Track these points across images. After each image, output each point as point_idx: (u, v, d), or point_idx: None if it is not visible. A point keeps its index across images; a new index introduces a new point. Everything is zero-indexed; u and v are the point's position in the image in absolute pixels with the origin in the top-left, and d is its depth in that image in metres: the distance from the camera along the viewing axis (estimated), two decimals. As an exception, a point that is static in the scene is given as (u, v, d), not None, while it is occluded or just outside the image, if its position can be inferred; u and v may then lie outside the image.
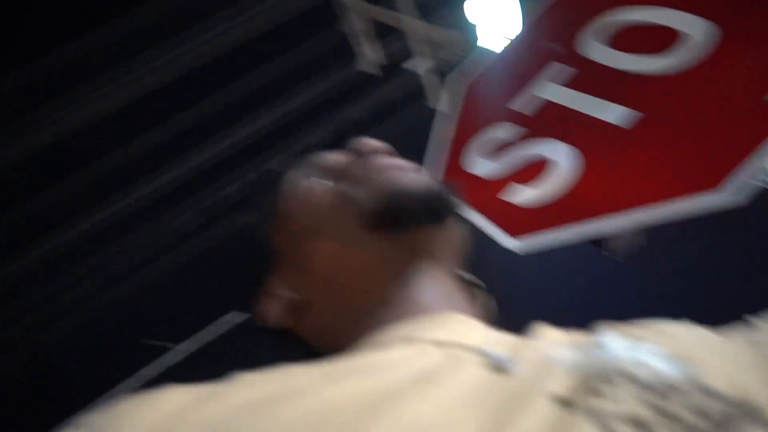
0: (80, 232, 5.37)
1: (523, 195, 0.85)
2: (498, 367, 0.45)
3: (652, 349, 0.45)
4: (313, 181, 0.69)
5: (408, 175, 0.62)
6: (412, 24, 5.32)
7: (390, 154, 0.67)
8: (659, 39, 0.89)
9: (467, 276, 0.79)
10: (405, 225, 0.59)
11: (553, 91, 1.00)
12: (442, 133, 1.14)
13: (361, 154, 0.67)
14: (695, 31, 0.84)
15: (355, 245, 0.60)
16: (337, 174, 0.68)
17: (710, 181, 0.66)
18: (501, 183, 0.90)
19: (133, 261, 5.56)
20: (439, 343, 0.50)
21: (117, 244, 5.51)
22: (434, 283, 0.60)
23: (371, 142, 0.68)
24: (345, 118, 5.80)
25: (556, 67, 1.03)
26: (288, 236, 0.69)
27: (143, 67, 5.31)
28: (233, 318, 4.46)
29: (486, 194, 0.91)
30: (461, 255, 0.66)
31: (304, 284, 0.66)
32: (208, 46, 5.01)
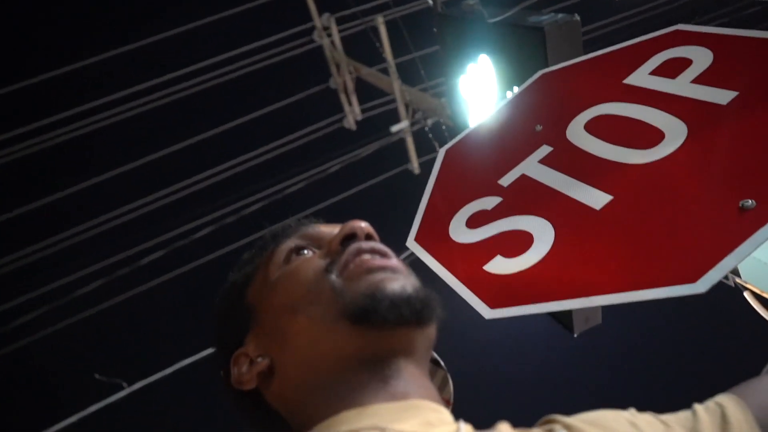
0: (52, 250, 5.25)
1: (501, 266, 0.88)
2: None
3: None
4: (304, 259, 0.71)
5: (395, 279, 0.64)
6: (398, 87, 5.47)
7: (380, 248, 0.70)
8: (640, 134, 0.94)
9: (433, 355, 0.81)
10: (383, 326, 0.61)
11: (531, 167, 1.05)
12: (422, 198, 1.17)
13: (351, 237, 0.70)
14: (673, 131, 0.90)
15: (334, 333, 0.62)
16: (326, 253, 0.70)
17: (686, 276, 0.69)
18: (477, 252, 0.93)
19: (95, 291, 5.42)
20: None
21: (79, 270, 5.39)
22: (407, 375, 0.62)
23: (364, 227, 0.72)
24: (325, 170, 5.87)
25: (538, 146, 1.08)
26: (269, 303, 0.70)
27: (132, 98, 5.33)
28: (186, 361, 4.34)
29: (464, 262, 0.93)
30: (433, 345, 0.68)
31: (278, 352, 0.67)
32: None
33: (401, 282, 0.64)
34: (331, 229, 0.75)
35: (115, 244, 5.73)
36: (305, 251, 0.73)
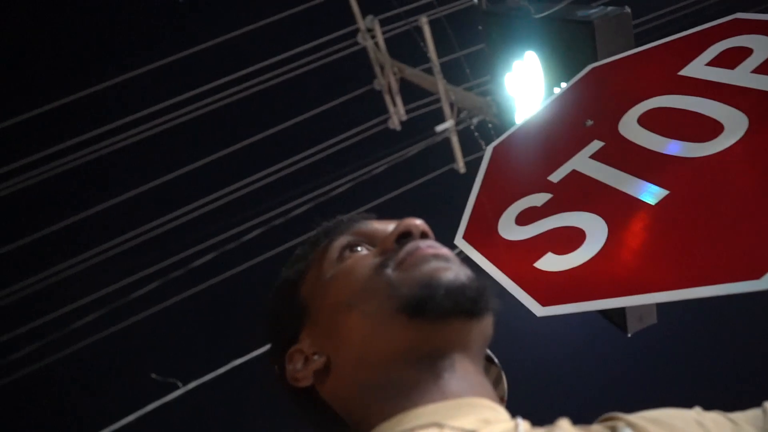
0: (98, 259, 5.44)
1: (552, 263, 0.86)
2: None
3: None
4: (359, 256, 0.71)
5: (449, 268, 0.64)
6: (443, 87, 5.45)
7: (432, 240, 0.70)
8: (698, 127, 0.91)
9: (487, 352, 0.80)
10: (439, 317, 0.60)
11: (582, 162, 1.03)
12: (470, 195, 1.16)
13: (407, 234, 0.70)
14: (733, 123, 0.87)
15: (389, 328, 0.62)
16: (381, 251, 0.70)
17: (748, 272, 0.66)
18: (528, 249, 0.92)
19: (147, 295, 5.58)
20: None
21: (133, 274, 5.56)
22: (463, 371, 0.61)
23: (419, 225, 0.71)
24: (370, 171, 5.89)
25: (589, 141, 1.06)
26: (323, 300, 0.70)
27: (184, 104, 5.47)
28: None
29: (514, 260, 0.92)
30: (489, 341, 0.67)
31: (333, 350, 0.67)
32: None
33: (455, 271, 0.63)
34: (385, 226, 0.75)
35: (168, 248, 5.89)
36: (359, 248, 0.73)
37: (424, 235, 0.71)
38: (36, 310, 5.46)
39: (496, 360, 0.81)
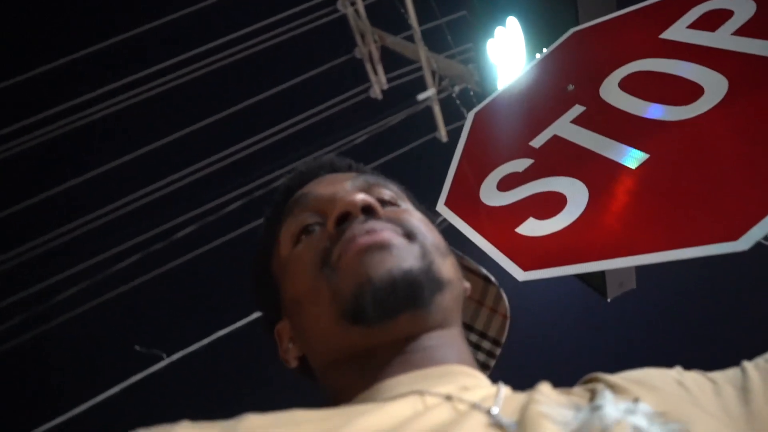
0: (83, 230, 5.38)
1: (533, 228, 0.87)
2: (502, 428, 0.46)
3: (646, 411, 0.47)
4: (308, 242, 0.69)
5: (381, 263, 0.60)
6: (424, 55, 5.40)
7: (376, 217, 0.66)
8: (678, 90, 0.91)
9: (482, 272, 0.80)
10: (376, 322, 0.58)
11: (563, 127, 1.03)
12: (451, 162, 1.16)
13: (346, 216, 0.66)
14: (713, 86, 0.87)
15: (338, 332, 0.61)
16: (326, 236, 0.67)
17: (727, 233, 0.67)
18: (509, 215, 0.92)
19: (129, 267, 5.55)
20: (449, 398, 0.51)
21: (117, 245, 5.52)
22: (432, 344, 0.60)
23: (358, 203, 0.67)
24: (351, 140, 5.85)
25: (570, 106, 1.05)
26: (285, 288, 0.70)
27: (161, 74, 5.37)
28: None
29: (495, 225, 0.92)
30: (452, 310, 0.65)
31: (300, 339, 0.68)
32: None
33: (388, 265, 0.60)
34: (335, 192, 0.71)
35: (148, 221, 5.84)
36: (313, 228, 0.70)
37: (367, 211, 0.67)
38: (17, 284, 5.40)
39: (493, 279, 0.82)
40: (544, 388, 0.53)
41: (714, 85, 0.87)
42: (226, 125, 6.26)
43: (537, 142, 1.04)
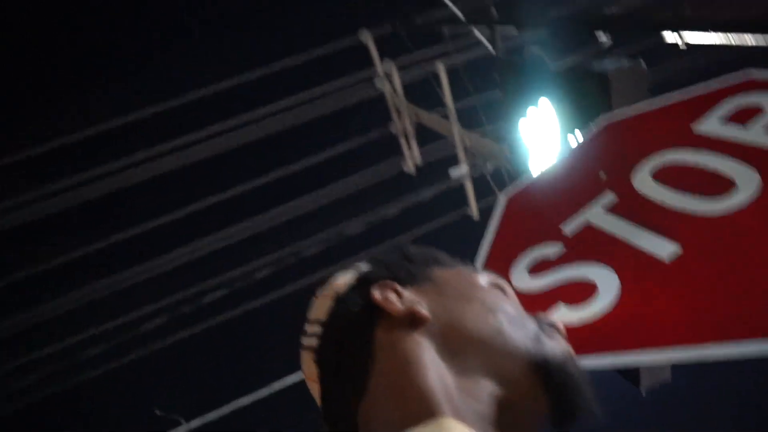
0: (110, 290, 5.45)
1: (564, 315, 0.86)
2: None
3: None
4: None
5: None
6: (458, 132, 5.50)
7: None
8: (709, 182, 0.92)
9: None
10: (554, 392, 0.64)
11: (595, 215, 1.03)
12: (483, 244, 1.16)
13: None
14: (745, 180, 0.87)
15: (516, 361, 0.64)
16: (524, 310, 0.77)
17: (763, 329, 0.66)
18: (540, 300, 0.91)
19: (155, 330, 5.57)
20: None
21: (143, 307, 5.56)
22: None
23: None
24: (382, 213, 5.91)
25: (602, 192, 1.06)
26: (460, 287, 0.73)
27: (196, 142, 5.55)
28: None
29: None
30: None
31: (445, 319, 0.66)
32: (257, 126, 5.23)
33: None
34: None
35: (178, 284, 5.90)
36: (504, 293, 0.77)
37: None
38: (42, 341, 5.45)
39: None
40: None
41: (745, 180, 0.87)
42: (262, 193, 6.39)
43: (569, 229, 1.04)
